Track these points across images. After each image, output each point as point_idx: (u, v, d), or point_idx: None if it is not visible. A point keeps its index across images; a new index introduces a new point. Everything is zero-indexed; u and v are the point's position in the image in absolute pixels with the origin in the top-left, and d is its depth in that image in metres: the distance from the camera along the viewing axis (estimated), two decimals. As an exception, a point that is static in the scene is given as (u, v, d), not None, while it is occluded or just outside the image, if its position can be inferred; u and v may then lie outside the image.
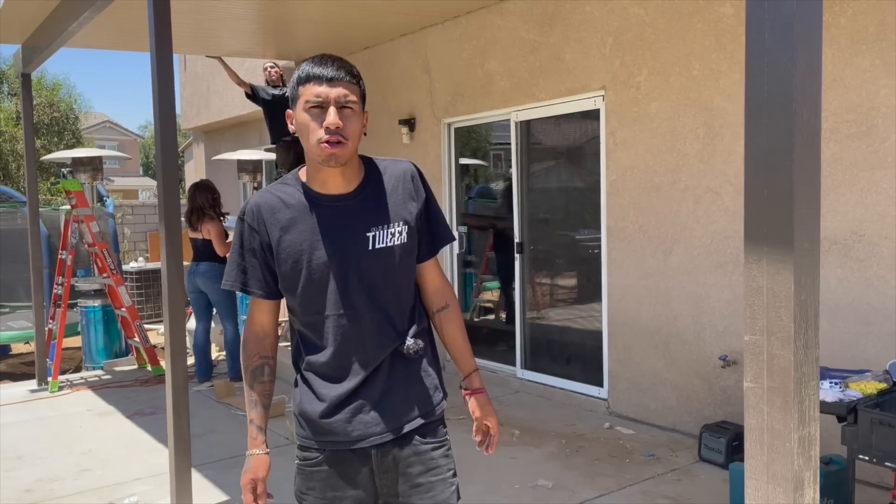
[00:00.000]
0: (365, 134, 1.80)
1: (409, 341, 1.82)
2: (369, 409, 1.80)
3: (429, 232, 1.89)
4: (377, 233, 1.78)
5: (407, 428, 1.82)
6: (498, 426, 1.96)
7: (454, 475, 1.89)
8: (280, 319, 1.94)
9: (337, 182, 1.78)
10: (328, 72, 1.70)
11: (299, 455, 1.90)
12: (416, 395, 1.84)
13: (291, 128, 1.77)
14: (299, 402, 1.87)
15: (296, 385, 1.91)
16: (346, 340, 1.79)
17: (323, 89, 1.68)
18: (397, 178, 1.85)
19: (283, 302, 1.88)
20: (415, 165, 1.92)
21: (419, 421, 1.84)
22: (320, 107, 1.69)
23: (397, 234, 1.80)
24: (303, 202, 1.79)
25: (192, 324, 6.64)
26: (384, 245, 1.78)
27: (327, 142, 1.68)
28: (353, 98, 1.71)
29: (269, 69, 7.88)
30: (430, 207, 1.89)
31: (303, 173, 1.83)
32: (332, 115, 1.68)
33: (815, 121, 1.18)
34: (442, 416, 1.91)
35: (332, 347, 1.79)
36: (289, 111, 1.78)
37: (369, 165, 1.86)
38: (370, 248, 1.77)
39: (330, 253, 1.76)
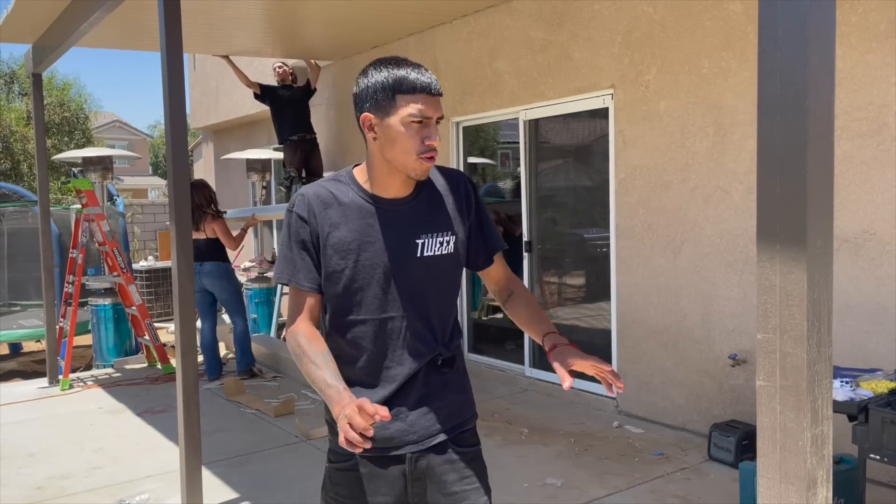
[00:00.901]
0: None
1: (446, 351, 1.82)
2: (405, 416, 1.78)
3: (483, 242, 1.89)
4: (426, 240, 1.77)
5: (442, 437, 1.80)
6: (599, 361, 1.74)
7: (487, 485, 1.87)
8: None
9: (399, 188, 1.77)
10: (432, 86, 1.67)
11: (331, 458, 1.87)
12: (451, 405, 1.83)
13: (371, 135, 1.71)
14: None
15: None
16: (383, 346, 1.76)
17: (429, 107, 1.67)
18: (449, 188, 1.84)
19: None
20: (467, 176, 1.91)
21: (455, 431, 1.83)
22: (421, 122, 1.66)
23: (446, 244, 1.79)
24: (356, 202, 1.76)
25: (197, 323, 6.67)
26: (432, 253, 1.77)
27: (426, 157, 1.69)
28: (441, 114, 1.73)
29: (277, 69, 7.92)
30: (481, 217, 1.88)
31: (358, 173, 1.80)
32: (436, 132, 1.69)
33: (828, 117, 1.17)
34: (475, 427, 1.91)
35: (368, 353, 1.77)
36: (367, 115, 1.69)
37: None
38: (418, 255, 1.75)
39: (377, 256, 1.74)
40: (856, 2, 3.80)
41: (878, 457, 2.83)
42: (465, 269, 1.91)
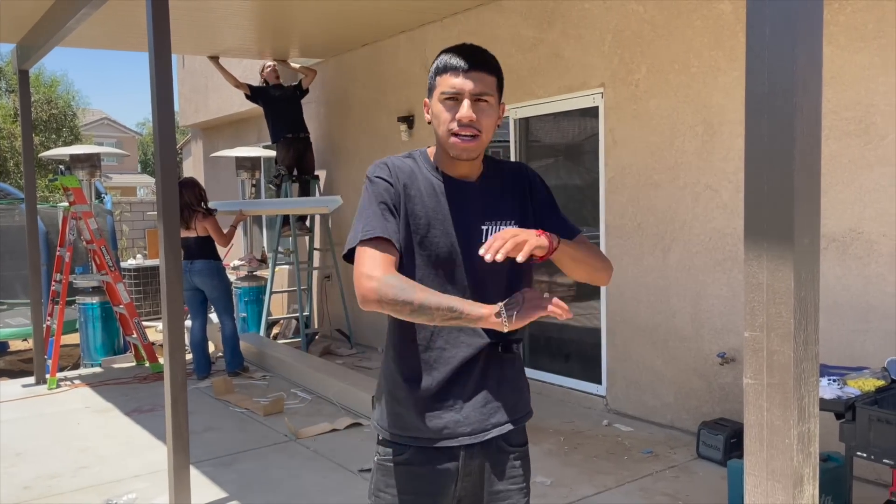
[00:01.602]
0: (499, 126, 1.77)
1: (505, 340, 1.77)
2: (461, 408, 1.75)
3: (561, 221, 1.86)
4: (491, 227, 1.76)
5: (496, 432, 1.78)
6: (505, 237, 1.59)
7: (529, 486, 1.87)
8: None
9: (464, 169, 1.77)
10: (465, 63, 1.67)
11: (380, 451, 1.82)
12: (507, 400, 1.80)
13: (427, 117, 1.77)
14: (388, 392, 1.80)
15: (384, 374, 1.84)
16: (440, 329, 1.73)
17: (458, 81, 1.66)
18: (514, 176, 1.84)
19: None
20: (530, 167, 1.91)
21: (508, 426, 1.80)
22: (454, 99, 1.67)
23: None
24: (428, 178, 1.76)
25: (187, 322, 6.64)
26: None
27: (457, 134, 1.68)
28: (487, 90, 1.68)
29: (264, 69, 7.90)
30: (553, 204, 1.88)
31: (430, 152, 1.82)
32: (465, 108, 1.66)
33: (815, 116, 1.18)
34: (525, 426, 1.88)
35: (428, 332, 1.73)
36: (426, 100, 1.78)
37: (488, 161, 1.84)
38: (482, 240, 1.71)
39: (443, 236, 1.73)
40: (844, 2, 3.82)
41: (865, 455, 2.85)
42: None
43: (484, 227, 1.75)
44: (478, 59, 1.69)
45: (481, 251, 1.57)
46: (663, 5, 4.67)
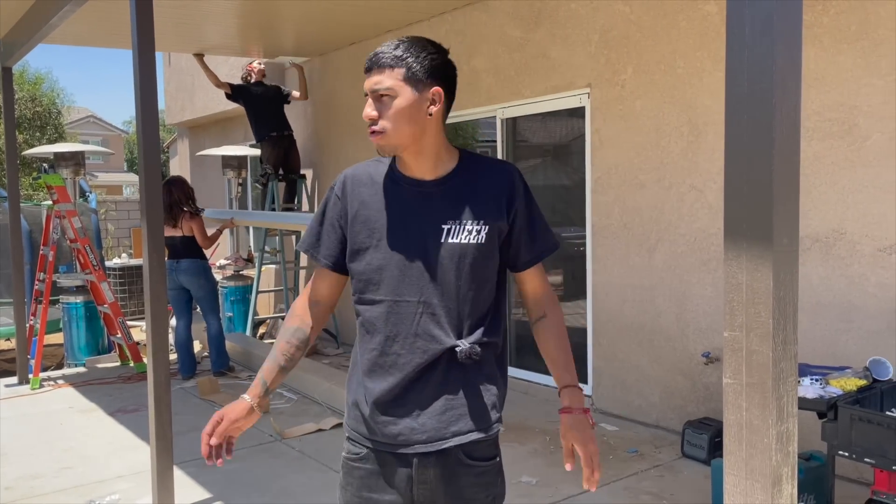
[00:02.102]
0: (430, 114, 1.70)
1: (464, 344, 1.70)
2: (417, 415, 1.71)
3: (528, 240, 1.79)
4: (453, 227, 1.71)
5: (455, 441, 1.71)
6: (591, 452, 1.72)
7: (496, 498, 1.81)
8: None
9: (418, 167, 1.74)
10: (367, 64, 1.69)
11: (345, 447, 1.84)
12: (469, 408, 1.73)
13: None
14: (352, 392, 1.82)
15: (350, 374, 1.86)
16: (394, 330, 1.72)
17: (365, 83, 1.69)
18: (492, 178, 1.76)
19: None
20: (519, 171, 1.82)
21: (468, 437, 1.72)
22: (368, 97, 1.70)
23: (474, 233, 1.71)
24: (389, 181, 1.76)
25: (172, 321, 6.60)
26: (457, 241, 1.71)
27: (371, 132, 1.69)
28: (388, 84, 1.66)
29: (248, 67, 7.87)
30: (529, 214, 1.79)
31: None
32: (366, 107, 1.69)
33: (794, 117, 1.18)
34: (495, 438, 1.80)
35: (382, 336, 1.73)
36: None
37: (467, 159, 1.79)
38: (443, 240, 1.70)
39: (400, 237, 1.72)
40: (828, 3, 3.85)
41: (846, 454, 2.87)
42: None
43: (445, 227, 1.71)
44: (377, 58, 1.68)
45: (585, 486, 1.74)
46: (649, 6, 4.69)
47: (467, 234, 1.71)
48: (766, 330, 1.16)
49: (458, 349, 1.70)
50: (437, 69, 1.70)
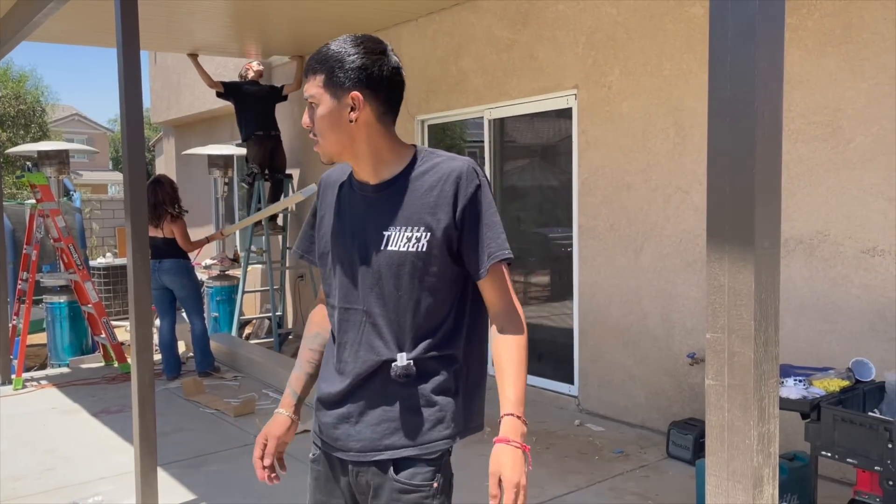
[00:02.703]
0: (352, 120, 1.62)
1: (400, 360, 1.62)
2: (354, 422, 1.68)
3: (475, 249, 1.64)
4: (394, 233, 1.63)
5: (387, 454, 1.65)
6: (516, 489, 1.57)
7: None
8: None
9: (362, 171, 1.69)
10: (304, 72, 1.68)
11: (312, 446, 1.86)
12: (405, 423, 1.64)
13: None
14: (317, 390, 1.82)
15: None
16: (343, 337, 1.70)
17: None
18: (438, 179, 1.63)
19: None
20: (474, 167, 1.65)
21: (400, 452, 1.64)
22: None
23: (414, 240, 1.61)
24: (345, 186, 1.75)
25: (156, 321, 6.55)
26: (396, 248, 1.62)
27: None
28: (311, 92, 1.64)
29: (246, 66, 7.85)
30: (476, 218, 1.63)
31: None
32: (306, 115, 1.68)
33: (776, 120, 1.19)
34: (438, 458, 1.66)
35: (335, 342, 1.73)
36: None
37: (420, 159, 1.68)
38: (383, 247, 1.63)
39: (347, 243, 1.70)
40: (812, 7, 3.87)
41: (829, 454, 2.89)
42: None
43: (386, 234, 1.64)
44: (307, 63, 1.66)
45: None
46: (636, 8, 4.71)
47: (406, 241, 1.62)
48: (748, 332, 1.17)
49: (393, 364, 1.63)
50: (357, 72, 1.60)
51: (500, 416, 1.64)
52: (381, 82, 1.62)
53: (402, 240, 1.62)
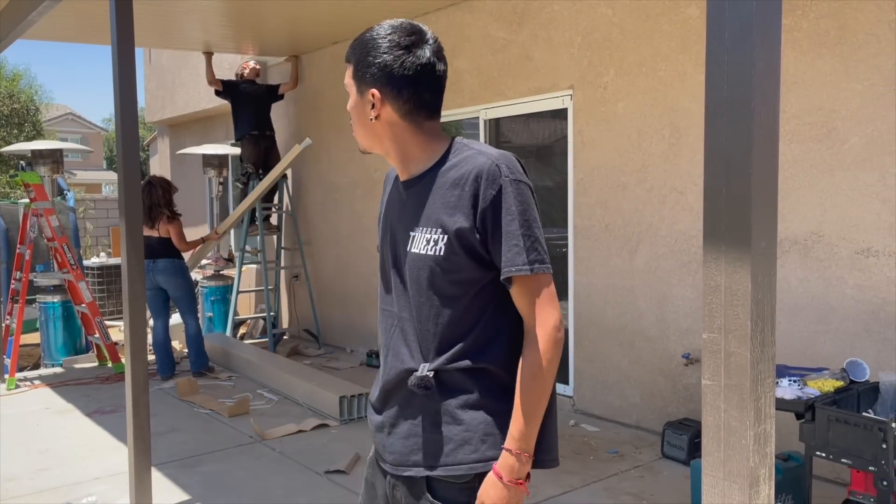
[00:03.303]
0: (376, 117, 1.55)
1: (421, 370, 1.51)
2: (388, 433, 1.60)
3: (498, 256, 1.48)
4: (417, 234, 1.53)
5: (410, 472, 1.54)
6: None
7: None
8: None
9: (395, 167, 1.62)
10: None
11: None
12: (427, 440, 1.53)
13: None
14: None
15: None
16: (384, 341, 1.63)
17: None
18: (461, 176, 1.49)
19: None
20: (501, 165, 1.49)
21: (422, 471, 1.52)
22: None
23: (432, 244, 1.49)
24: (394, 182, 1.68)
25: (150, 321, 6.53)
26: (418, 251, 1.52)
27: None
28: (345, 81, 1.61)
29: (243, 65, 7.84)
30: (495, 224, 1.46)
31: None
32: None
33: (773, 121, 1.19)
34: (469, 483, 1.51)
35: (381, 345, 1.67)
36: None
37: (453, 152, 1.56)
38: (408, 248, 1.54)
39: (386, 242, 1.63)
40: (807, 8, 3.89)
41: (823, 454, 2.90)
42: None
43: (412, 234, 1.54)
44: (347, 50, 1.62)
45: None
46: (632, 9, 4.71)
47: (425, 244, 1.51)
48: (745, 332, 1.17)
49: (416, 374, 1.52)
50: (377, 68, 1.52)
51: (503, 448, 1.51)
52: (404, 80, 1.51)
53: (423, 242, 1.51)
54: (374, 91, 1.53)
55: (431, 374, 1.51)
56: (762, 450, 1.20)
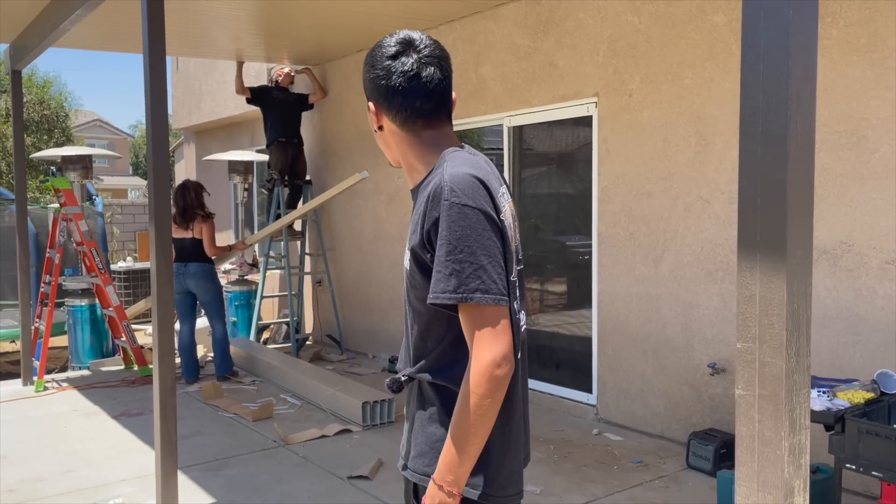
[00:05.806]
0: (379, 129, 1.62)
1: (401, 373, 1.60)
2: (405, 431, 1.68)
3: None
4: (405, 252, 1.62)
5: (406, 473, 1.62)
6: None
7: None
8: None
9: (405, 175, 1.67)
10: None
11: None
12: (414, 440, 1.59)
13: None
14: None
15: None
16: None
17: None
18: (426, 194, 1.49)
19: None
20: (446, 187, 1.45)
21: (410, 475, 1.59)
22: None
23: (406, 259, 1.55)
24: None
25: (176, 325, 6.60)
26: (403, 263, 1.59)
27: None
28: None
29: (277, 72, 7.94)
30: (434, 244, 1.45)
31: None
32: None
33: (809, 129, 1.18)
34: (421, 485, 1.56)
35: None
36: None
37: (436, 166, 1.55)
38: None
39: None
40: (837, 16, 3.85)
41: (853, 466, 2.86)
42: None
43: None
44: None
45: None
46: (658, 16, 4.70)
47: (405, 258, 1.56)
48: (780, 342, 1.16)
49: (399, 375, 1.61)
50: (369, 83, 1.59)
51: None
52: (391, 91, 1.54)
53: (404, 255, 1.57)
54: (371, 104, 1.61)
55: (404, 378, 1.59)
56: (797, 461, 1.19)
